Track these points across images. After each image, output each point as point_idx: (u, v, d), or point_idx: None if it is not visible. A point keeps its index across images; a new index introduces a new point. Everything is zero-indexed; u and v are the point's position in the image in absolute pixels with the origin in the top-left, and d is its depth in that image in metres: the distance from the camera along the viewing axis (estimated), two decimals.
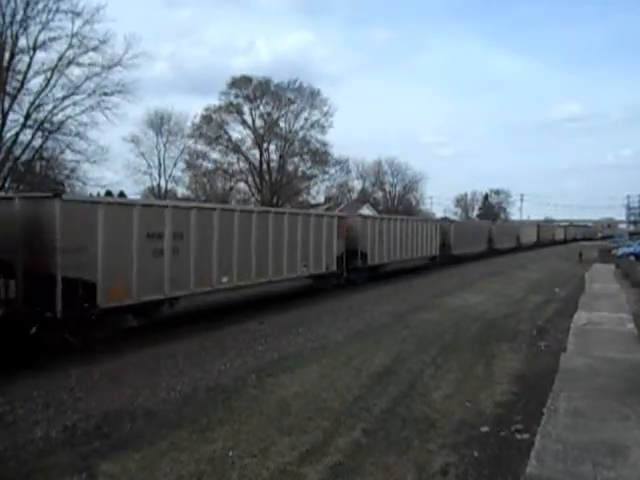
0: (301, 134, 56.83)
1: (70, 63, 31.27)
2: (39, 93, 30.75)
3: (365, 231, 22.02)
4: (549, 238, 66.03)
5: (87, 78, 31.92)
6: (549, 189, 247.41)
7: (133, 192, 53.41)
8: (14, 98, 30.03)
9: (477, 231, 42.34)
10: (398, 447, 6.44)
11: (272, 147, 56.91)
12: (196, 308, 14.40)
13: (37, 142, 31.61)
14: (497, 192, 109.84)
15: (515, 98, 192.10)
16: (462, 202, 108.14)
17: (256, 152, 56.41)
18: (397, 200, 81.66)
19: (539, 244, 58.20)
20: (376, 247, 22.85)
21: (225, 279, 13.63)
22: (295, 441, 6.53)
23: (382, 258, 23.67)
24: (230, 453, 6.18)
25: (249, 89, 54.49)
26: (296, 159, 57.85)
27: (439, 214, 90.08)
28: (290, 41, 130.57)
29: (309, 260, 17.63)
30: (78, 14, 29.91)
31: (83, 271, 9.78)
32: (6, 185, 29.95)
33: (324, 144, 57.02)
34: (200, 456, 6.09)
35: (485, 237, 42.22)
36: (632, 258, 37.32)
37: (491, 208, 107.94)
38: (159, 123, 58.19)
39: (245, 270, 14.42)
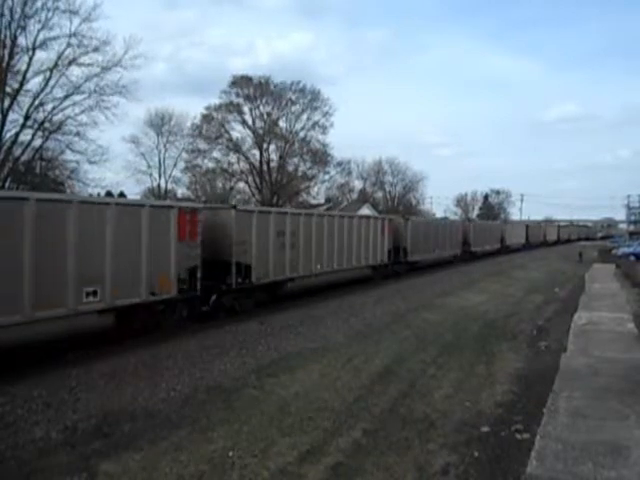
0: (301, 134, 56.86)
1: (70, 63, 31.30)
2: (39, 93, 30.80)
3: (246, 232, 14.29)
4: (539, 239, 59.99)
5: (87, 78, 31.95)
6: (549, 189, 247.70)
7: (133, 192, 53.44)
8: (14, 98, 30.04)
9: (447, 231, 32.55)
10: (398, 447, 6.45)
11: (272, 147, 56.96)
12: None
13: (37, 142, 31.67)
14: (497, 192, 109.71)
15: (515, 98, 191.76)
16: (462, 202, 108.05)
17: (256, 152, 56.43)
18: (397, 200, 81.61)
19: (529, 245, 53.00)
20: (270, 256, 15.19)
21: None
22: (295, 441, 6.53)
23: (283, 272, 15.90)
24: (230, 453, 6.18)
25: (249, 89, 54.50)
26: (296, 159, 57.86)
27: (439, 214, 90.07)
28: (289, 42, 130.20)
29: (104, 285, 9.98)
30: (76, 13, 29.96)
31: None
32: (6, 185, 29.94)
33: (324, 145, 57.06)
34: (200, 456, 6.10)
35: (459, 238, 34.03)
36: (632, 258, 37.32)
37: (491, 208, 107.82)
38: (159, 123, 58.22)
39: None
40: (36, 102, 30.72)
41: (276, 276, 15.69)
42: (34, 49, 30.10)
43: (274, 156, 56.86)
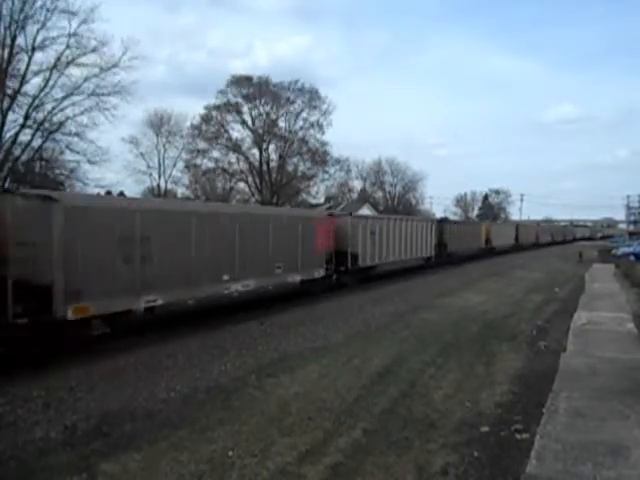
0: (300, 134, 56.84)
1: (69, 64, 31.31)
2: (38, 93, 30.80)
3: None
4: (477, 245, 37.72)
5: (86, 79, 31.97)
6: (549, 189, 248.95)
7: (133, 192, 53.43)
8: (13, 98, 30.04)
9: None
10: (398, 447, 6.44)
11: (271, 147, 56.94)
12: (196, 307, 14.39)
13: (37, 142, 31.67)
14: (497, 192, 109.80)
15: (514, 99, 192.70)
16: (462, 202, 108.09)
17: (256, 152, 56.43)
18: (397, 200, 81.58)
19: (447, 257, 31.88)
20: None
21: None
22: (295, 441, 6.53)
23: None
24: (230, 453, 6.18)
25: (248, 88, 54.46)
26: (295, 159, 57.84)
27: (439, 214, 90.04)
28: (289, 45, 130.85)
29: None
30: (74, 14, 29.97)
31: None
32: (6, 185, 29.92)
33: (323, 144, 57.05)
34: (200, 456, 6.09)
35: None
36: (632, 258, 37.31)
37: (491, 208, 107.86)
38: (158, 124, 58.22)
39: None
40: (35, 102, 30.75)
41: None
42: (33, 49, 30.14)
43: (274, 156, 56.91)
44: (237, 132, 56.22)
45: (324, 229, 18.28)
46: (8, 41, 29.49)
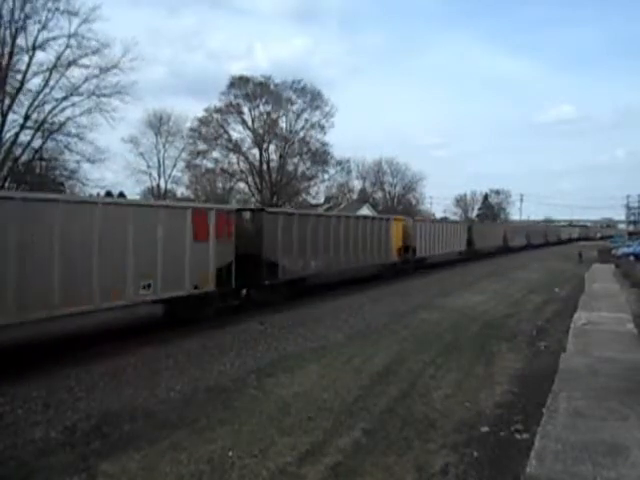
0: (301, 134, 56.81)
1: (69, 64, 31.34)
2: (38, 94, 30.81)
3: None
4: (375, 261, 23.16)
5: (86, 79, 32.02)
6: (549, 190, 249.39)
7: (133, 192, 53.51)
8: (14, 98, 30.05)
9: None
10: (398, 447, 6.45)
11: (272, 147, 56.90)
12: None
13: (37, 143, 31.69)
14: (497, 192, 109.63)
15: (513, 99, 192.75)
16: (462, 202, 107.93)
17: (256, 152, 56.40)
18: (397, 200, 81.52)
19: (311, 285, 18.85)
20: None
21: None
22: (295, 441, 6.53)
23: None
24: (230, 453, 6.18)
25: (248, 88, 54.42)
26: (296, 159, 57.80)
27: (439, 214, 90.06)
28: (288, 46, 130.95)
29: None
30: (75, 14, 30.01)
31: None
32: (6, 185, 29.94)
33: (324, 144, 57.01)
34: (200, 456, 6.09)
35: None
36: (632, 258, 37.28)
37: (491, 208, 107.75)
38: (158, 124, 58.25)
39: None
40: (36, 103, 30.77)
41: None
42: (34, 49, 30.15)
43: (274, 156, 56.87)
44: (237, 133, 56.27)
45: None
46: (8, 41, 29.53)
